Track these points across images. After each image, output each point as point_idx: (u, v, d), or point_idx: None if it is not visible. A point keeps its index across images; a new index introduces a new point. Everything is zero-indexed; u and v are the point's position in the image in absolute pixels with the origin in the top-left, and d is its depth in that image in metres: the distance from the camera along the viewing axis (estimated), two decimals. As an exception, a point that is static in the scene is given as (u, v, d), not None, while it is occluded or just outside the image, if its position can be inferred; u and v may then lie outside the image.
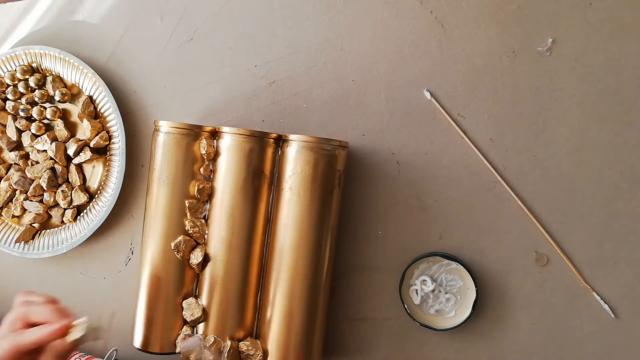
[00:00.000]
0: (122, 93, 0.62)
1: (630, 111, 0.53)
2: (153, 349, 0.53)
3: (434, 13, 0.55)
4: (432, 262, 0.56)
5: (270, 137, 0.53)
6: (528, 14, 0.54)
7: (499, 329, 0.56)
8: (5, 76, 0.63)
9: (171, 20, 0.61)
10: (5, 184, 0.63)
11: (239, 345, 0.53)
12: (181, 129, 0.53)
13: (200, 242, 0.54)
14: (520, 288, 0.56)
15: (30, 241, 0.64)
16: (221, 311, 0.53)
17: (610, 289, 0.54)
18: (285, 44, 0.59)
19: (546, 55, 0.54)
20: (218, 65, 0.60)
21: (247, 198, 0.52)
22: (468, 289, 0.55)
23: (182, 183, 0.53)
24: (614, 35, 0.53)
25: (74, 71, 0.61)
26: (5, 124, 0.63)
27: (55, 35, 0.64)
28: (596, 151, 0.54)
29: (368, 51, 0.57)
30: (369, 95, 0.57)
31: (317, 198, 0.52)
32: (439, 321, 0.56)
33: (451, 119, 0.56)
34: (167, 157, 0.53)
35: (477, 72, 0.55)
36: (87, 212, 0.62)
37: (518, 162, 0.55)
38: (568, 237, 0.54)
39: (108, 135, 0.62)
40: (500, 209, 0.55)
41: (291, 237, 0.52)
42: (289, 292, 0.52)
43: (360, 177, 0.58)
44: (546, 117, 0.54)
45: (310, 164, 0.51)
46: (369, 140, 0.58)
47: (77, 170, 0.62)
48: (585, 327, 0.55)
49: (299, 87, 0.59)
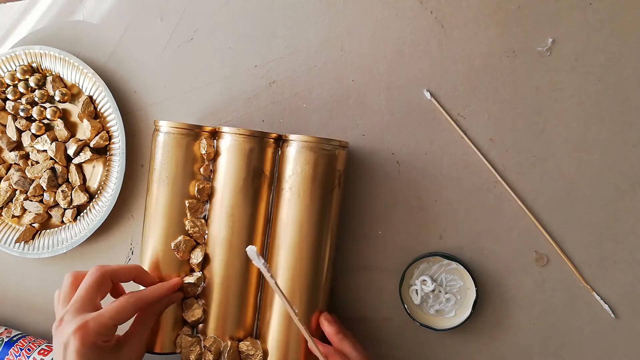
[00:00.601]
0: (122, 93, 0.62)
1: (630, 111, 0.53)
2: (153, 349, 0.53)
3: (434, 13, 0.56)
4: (432, 262, 0.56)
5: (270, 137, 0.53)
6: (528, 14, 0.54)
7: (499, 329, 0.56)
8: (5, 76, 0.63)
9: (171, 20, 0.61)
10: (5, 184, 0.63)
11: (239, 346, 0.53)
12: (181, 129, 0.53)
13: (200, 242, 0.54)
14: (520, 288, 0.56)
15: (30, 241, 0.64)
16: (221, 311, 0.53)
17: (610, 289, 0.54)
18: (285, 44, 0.59)
19: (546, 55, 0.54)
20: (218, 65, 0.60)
21: (247, 198, 0.52)
22: (468, 289, 0.55)
23: (182, 183, 0.53)
24: (614, 35, 0.53)
25: (74, 71, 0.61)
26: (5, 124, 0.63)
27: (55, 35, 0.64)
28: (596, 151, 0.54)
29: (368, 51, 0.57)
30: (369, 95, 0.57)
31: (317, 198, 0.52)
32: (439, 321, 0.56)
33: (451, 119, 0.56)
34: (167, 157, 0.53)
35: (477, 72, 0.55)
36: (87, 212, 0.62)
37: (518, 162, 0.55)
38: (568, 237, 0.54)
39: (108, 135, 0.62)
40: (500, 209, 0.55)
41: (291, 237, 0.52)
42: (289, 292, 0.52)
43: (360, 177, 0.58)
44: (546, 117, 0.54)
45: (310, 164, 0.51)
46: (369, 140, 0.58)
47: (77, 170, 0.62)
48: (585, 327, 0.55)
49: (299, 87, 0.59)
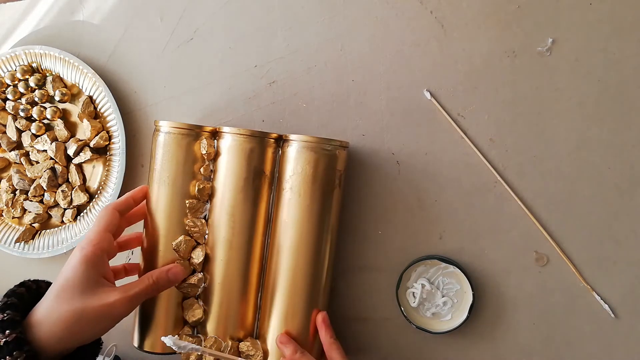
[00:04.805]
0: (122, 93, 0.62)
1: (630, 111, 0.53)
2: (153, 349, 0.53)
3: (434, 13, 0.56)
4: (429, 264, 0.56)
5: (270, 137, 0.53)
6: (528, 14, 0.54)
7: (499, 329, 0.56)
8: (5, 76, 0.63)
9: (171, 20, 0.61)
10: (5, 184, 0.63)
11: (239, 346, 0.53)
12: (181, 129, 0.53)
13: (200, 242, 0.54)
14: (520, 288, 0.56)
15: (30, 241, 0.64)
16: (221, 311, 0.53)
17: (610, 289, 0.54)
18: (285, 44, 0.59)
19: (546, 55, 0.54)
20: (218, 65, 0.60)
21: (247, 198, 0.52)
22: (465, 292, 0.55)
23: (182, 183, 0.53)
24: (614, 35, 0.53)
25: (74, 71, 0.61)
26: (5, 124, 0.63)
27: (56, 35, 0.64)
28: (596, 151, 0.54)
29: (368, 51, 0.57)
30: (369, 95, 0.57)
31: (318, 198, 0.52)
32: (435, 324, 0.56)
33: (451, 119, 0.56)
34: (167, 157, 0.53)
35: (477, 72, 0.55)
36: (87, 212, 0.62)
37: (518, 162, 0.55)
38: (568, 237, 0.54)
39: (108, 135, 0.62)
40: (500, 209, 0.55)
41: (291, 237, 0.52)
42: (289, 292, 0.52)
43: (360, 177, 0.58)
44: (546, 117, 0.54)
45: (310, 164, 0.51)
46: (369, 140, 0.58)
47: (77, 170, 0.62)
48: (585, 327, 0.55)
49: (299, 87, 0.59)
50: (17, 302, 0.45)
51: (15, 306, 0.45)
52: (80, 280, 0.45)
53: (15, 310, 0.44)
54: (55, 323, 0.44)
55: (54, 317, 0.44)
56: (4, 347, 0.41)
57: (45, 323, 0.44)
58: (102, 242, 0.48)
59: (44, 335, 0.43)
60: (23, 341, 0.42)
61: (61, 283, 0.46)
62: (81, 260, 0.46)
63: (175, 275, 0.51)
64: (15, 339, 0.42)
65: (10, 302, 0.45)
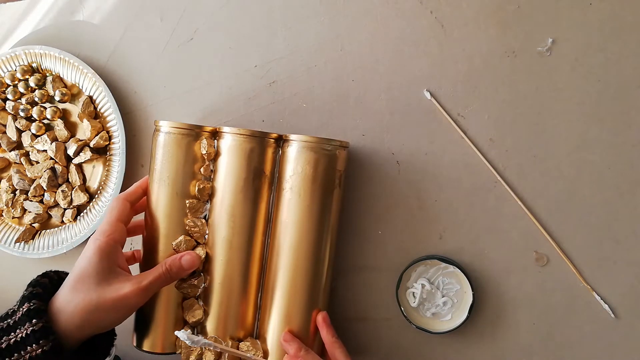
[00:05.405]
0: (122, 93, 0.62)
1: (630, 111, 0.53)
2: (153, 349, 0.53)
3: (434, 13, 0.56)
4: (429, 265, 0.56)
5: (270, 137, 0.53)
6: (528, 14, 0.54)
7: (499, 329, 0.56)
8: (5, 76, 0.63)
9: (171, 20, 0.61)
10: (5, 184, 0.63)
11: (239, 346, 0.53)
12: (181, 129, 0.53)
13: (200, 242, 0.54)
14: (520, 288, 0.56)
15: (30, 241, 0.64)
16: (221, 311, 0.53)
17: (610, 289, 0.54)
18: (285, 44, 0.59)
19: (546, 55, 0.54)
20: (218, 65, 0.60)
21: (247, 198, 0.52)
22: (465, 292, 0.55)
23: (182, 183, 0.53)
24: (614, 35, 0.53)
25: (74, 71, 0.61)
26: (5, 124, 0.63)
27: (56, 35, 0.64)
28: (596, 151, 0.54)
29: (368, 51, 0.57)
30: (369, 95, 0.57)
31: (318, 198, 0.52)
32: (435, 324, 0.56)
33: (451, 119, 0.56)
34: (167, 157, 0.53)
35: (477, 72, 0.55)
36: (87, 212, 0.62)
37: (518, 162, 0.55)
38: (568, 237, 0.54)
39: (108, 135, 0.62)
40: (500, 209, 0.55)
41: (291, 237, 0.52)
42: (289, 292, 0.52)
43: (360, 177, 0.58)
44: (546, 117, 0.54)
45: (310, 164, 0.51)
46: (369, 140, 0.58)
47: (77, 170, 0.62)
48: (585, 327, 0.55)
49: (299, 87, 0.59)
50: (42, 291, 0.47)
51: (41, 296, 0.46)
52: (95, 271, 0.47)
53: (41, 299, 0.46)
54: (72, 313, 0.45)
55: (71, 307, 0.45)
56: (31, 335, 0.43)
57: (63, 312, 0.45)
58: (115, 233, 0.49)
59: (63, 324, 0.45)
60: (49, 330, 0.44)
61: (77, 274, 0.47)
62: (95, 251, 0.47)
63: (188, 262, 0.51)
64: (42, 328, 0.43)
65: (35, 291, 0.46)
